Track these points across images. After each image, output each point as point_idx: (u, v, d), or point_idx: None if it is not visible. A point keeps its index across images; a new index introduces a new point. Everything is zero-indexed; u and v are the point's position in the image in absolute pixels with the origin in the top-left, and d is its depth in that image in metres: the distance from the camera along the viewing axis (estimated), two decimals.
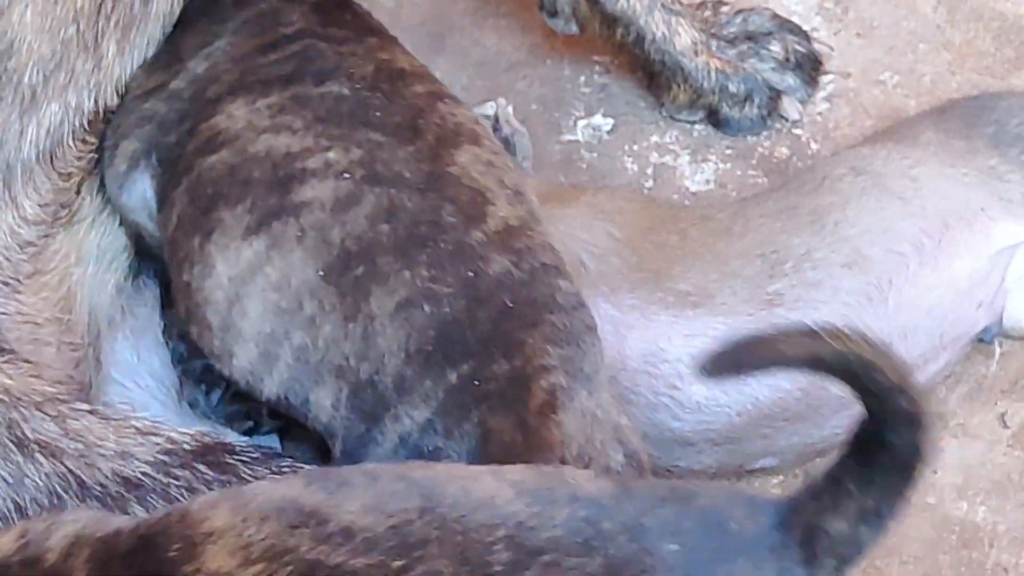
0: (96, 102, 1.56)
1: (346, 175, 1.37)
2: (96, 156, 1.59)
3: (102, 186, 1.61)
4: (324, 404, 1.35)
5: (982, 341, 1.74)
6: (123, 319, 1.63)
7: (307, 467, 1.39)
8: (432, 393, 1.31)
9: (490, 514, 1.11)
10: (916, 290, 1.66)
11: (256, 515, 1.09)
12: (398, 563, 1.08)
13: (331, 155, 1.39)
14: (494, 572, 1.08)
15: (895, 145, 1.75)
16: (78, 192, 1.58)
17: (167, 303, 1.63)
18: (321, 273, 1.34)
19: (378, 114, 1.44)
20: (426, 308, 1.33)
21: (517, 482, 1.14)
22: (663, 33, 1.95)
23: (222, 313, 1.37)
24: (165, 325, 1.63)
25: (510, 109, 1.99)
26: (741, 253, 1.69)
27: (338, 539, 1.08)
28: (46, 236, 1.56)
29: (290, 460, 1.40)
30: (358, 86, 1.46)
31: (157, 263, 1.60)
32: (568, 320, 1.37)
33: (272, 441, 1.60)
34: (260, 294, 1.35)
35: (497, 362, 1.32)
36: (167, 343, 1.63)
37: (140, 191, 1.54)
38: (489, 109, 1.97)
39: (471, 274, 1.35)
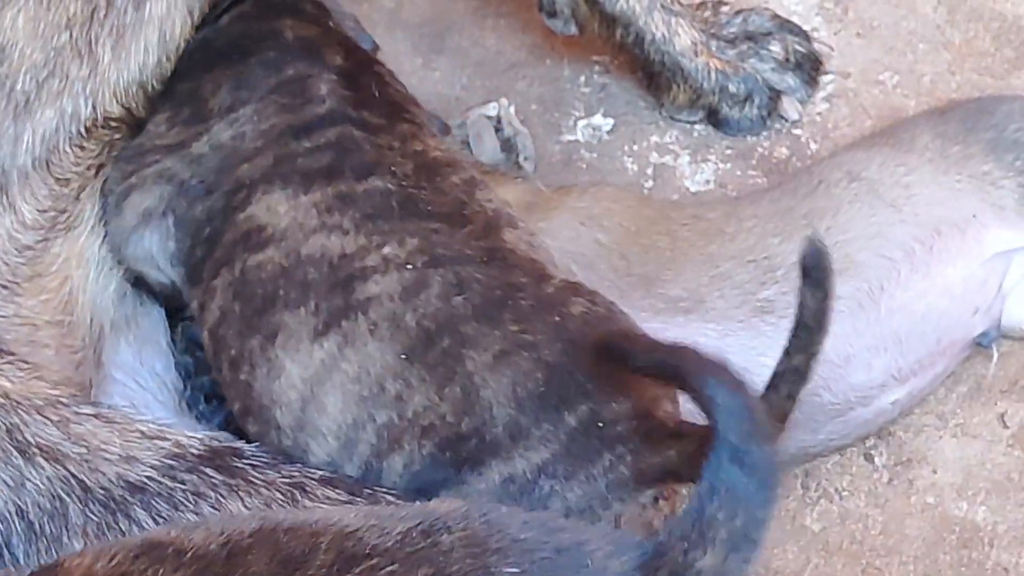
0: (94, 108, 1.55)
1: (409, 265, 1.41)
2: (95, 163, 1.59)
3: (102, 192, 1.60)
4: (396, 466, 1.38)
5: (980, 346, 1.75)
6: (127, 323, 1.63)
7: (316, 472, 1.39)
8: (552, 436, 1.35)
9: (320, 523, 1.17)
10: (909, 296, 1.66)
11: (107, 554, 1.16)
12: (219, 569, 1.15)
13: (387, 250, 1.42)
14: (313, 570, 1.13)
15: (890, 151, 1.75)
16: (77, 198, 1.58)
17: (173, 321, 1.64)
18: (403, 356, 1.37)
19: (428, 207, 1.47)
20: (525, 355, 1.37)
21: (365, 509, 1.22)
22: (663, 33, 1.95)
23: (296, 413, 1.39)
24: (173, 341, 1.64)
25: (512, 109, 2.00)
26: (733, 257, 1.68)
27: (172, 559, 1.15)
28: (45, 240, 1.56)
29: (299, 465, 1.40)
30: (403, 183, 1.48)
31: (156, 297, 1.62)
32: None
33: None
34: (339, 389, 1.38)
35: (616, 402, 1.36)
36: (175, 356, 1.63)
37: (147, 248, 1.54)
38: (491, 110, 1.97)
39: (557, 318, 1.40)
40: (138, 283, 1.63)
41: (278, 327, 1.40)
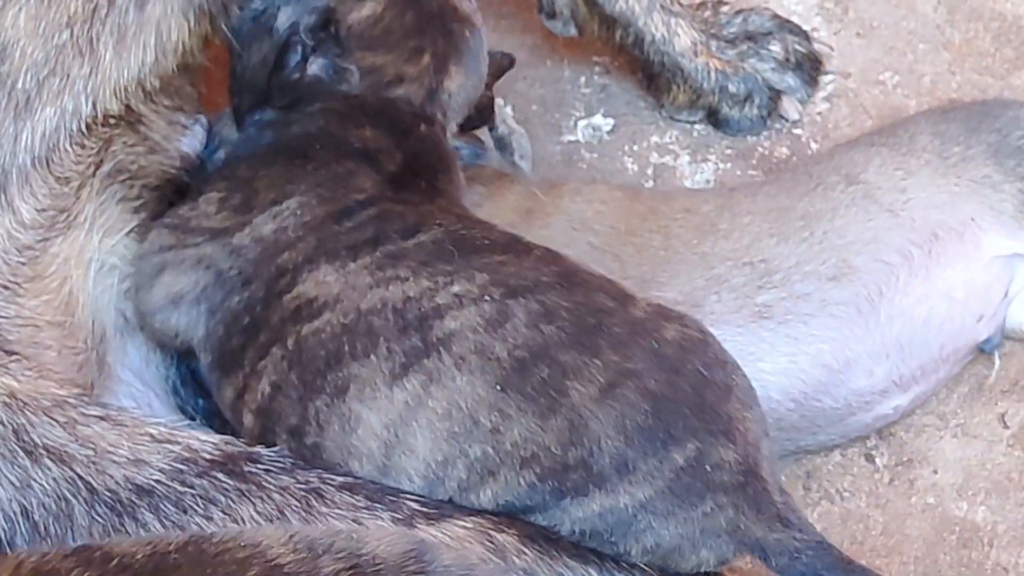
0: (94, 106, 1.55)
1: (486, 298, 1.40)
2: (95, 161, 1.59)
3: (102, 191, 1.60)
4: (486, 496, 1.38)
5: (982, 351, 1.75)
6: (134, 325, 1.63)
7: (336, 476, 1.39)
8: (658, 473, 1.35)
9: (249, 548, 1.18)
10: (909, 301, 1.66)
11: (41, 552, 1.21)
12: None
13: (456, 288, 1.41)
14: None
15: (889, 152, 1.74)
16: (77, 197, 1.58)
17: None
18: (498, 387, 1.36)
19: (484, 242, 1.47)
20: (631, 385, 1.36)
21: (296, 532, 1.22)
22: (662, 34, 1.95)
23: (378, 461, 1.38)
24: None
25: (508, 110, 2.00)
26: (728, 258, 1.68)
27: (98, 563, 1.17)
28: (44, 240, 1.55)
29: (319, 471, 1.39)
30: (451, 228, 1.48)
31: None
32: (740, 373, 1.43)
33: None
34: (427, 428, 1.37)
35: (723, 446, 1.36)
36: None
37: (173, 326, 1.53)
38: None
39: (654, 344, 1.39)
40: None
41: (348, 380, 1.39)
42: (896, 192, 1.70)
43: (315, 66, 1.59)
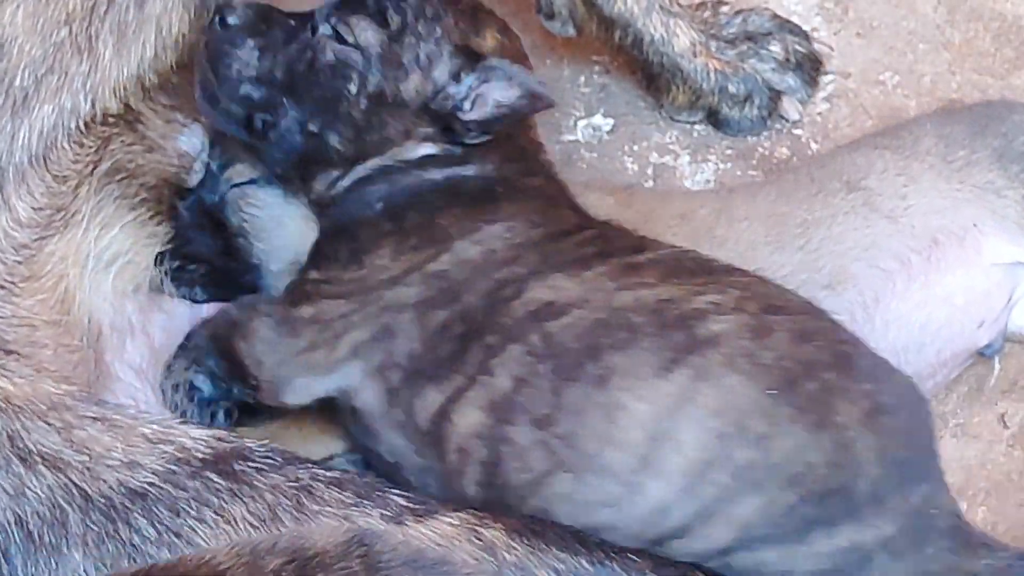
0: (93, 104, 1.55)
1: (744, 309, 1.43)
2: (93, 160, 1.58)
3: (99, 190, 1.60)
4: (741, 512, 1.38)
5: (982, 355, 1.75)
6: (132, 325, 1.63)
7: (326, 473, 1.39)
8: (899, 510, 1.38)
9: (196, 563, 1.22)
10: (906, 307, 1.66)
11: None
12: None
13: (711, 297, 1.45)
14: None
15: (892, 155, 1.74)
16: (75, 195, 1.58)
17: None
18: (771, 392, 1.37)
19: (722, 265, 1.51)
20: (888, 416, 1.40)
21: (240, 541, 1.27)
22: (661, 35, 1.95)
23: (640, 451, 1.39)
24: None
25: None
26: None
27: None
28: (41, 239, 1.55)
29: (308, 466, 1.39)
30: (683, 250, 1.53)
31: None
32: None
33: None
34: (695, 423, 1.38)
35: (944, 489, 1.41)
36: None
37: (347, 373, 1.53)
38: None
39: (897, 382, 1.45)
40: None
41: (611, 370, 1.41)
42: (897, 199, 1.69)
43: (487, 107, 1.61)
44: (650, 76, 2.01)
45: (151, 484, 1.37)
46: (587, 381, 1.41)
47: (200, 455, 1.39)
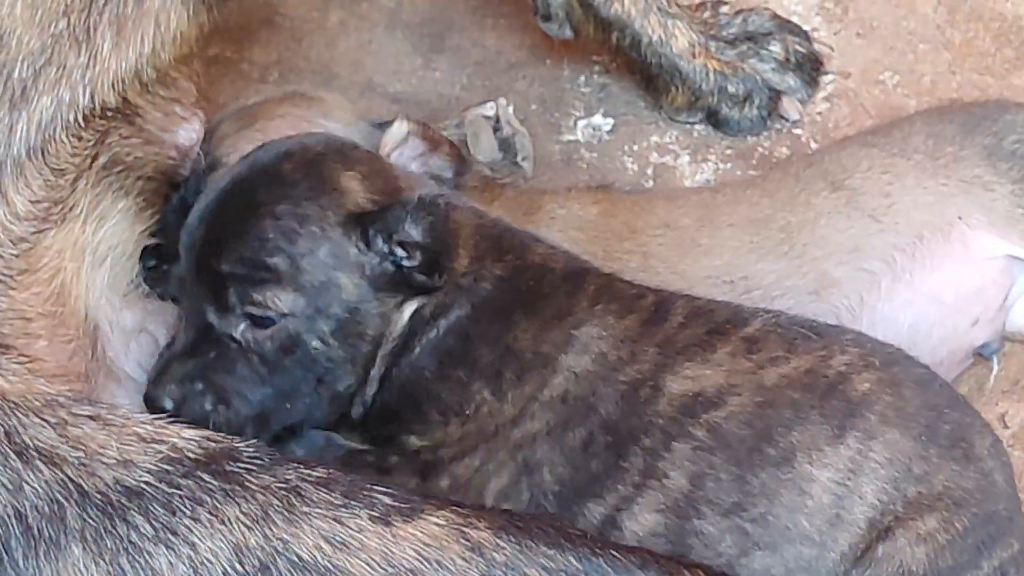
0: (92, 97, 1.54)
1: (872, 365, 1.51)
2: (91, 153, 1.58)
3: (97, 183, 1.60)
4: (931, 525, 1.46)
5: (981, 356, 1.74)
6: (132, 320, 1.63)
7: (313, 472, 1.39)
8: (1020, 525, 1.50)
9: None
10: (891, 307, 1.66)
11: None
12: None
13: (842, 358, 1.51)
14: None
15: (879, 153, 1.73)
16: (72, 189, 1.57)
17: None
18: (922, 438, 1.48)
19: (815, 323, 1.56)
20: (999, 442, 1.53)
21: None
22: (659, 36, 1.95)
23: (830, 513, 1.46)
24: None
25: (511, 109, 1.99)
26: (708, 276, 1.67)
27: None
28: (39, 232, 1.55)
29: (296, 466, 1.39)
30: (773, 315, 1.55)
31: None
32: None
33: None
34: (872, 476, 1.46)
35: None
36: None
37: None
38: (489, 109, 1.97)
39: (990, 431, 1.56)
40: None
41: (791, 448, 1.47)
42: (880, 197, 1.69)
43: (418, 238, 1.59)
44: (649, 77, 2.00)
45: (146, 483, 1.36)
46: (771, 463, 1.46)
47: (192, 455, 1.39)
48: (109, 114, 1.58)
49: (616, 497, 1.48)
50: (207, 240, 1.54)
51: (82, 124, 1.55)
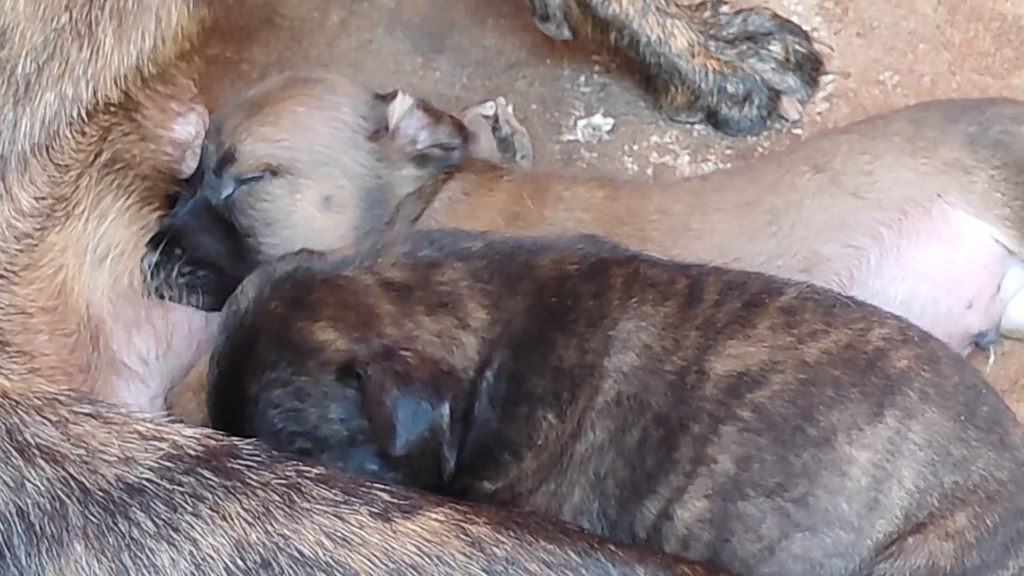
0: (94, 92, 1.55)
1: (910, 339, 1.50)
2: (94, 149, 1.58)
3: (100, 180, 1.60)
4: (962, 521, 1.44)
5: (978, 346, 1.74)
6: (134, 316, 1.63)
7: (312, 469, 1.39)
8: None
9: None
10: (882, 282, 1.67)
11: None
12: None
13: (879, 332, 1.50)
14: None
15: (859, 137, 1.75)
16: (76, 185, 1.58)
17: None
18: (962, 418, 1.46)
19: (848, 297, 1.55)
20: None
21: None
22: (658, 36, 1.95)
23: (868, 496, 1.44)
24: None
25: (510, 109, 2.00)
26: (700, 258, 1.66)
27: None
28: (43, 229, 1.55)
29: (295, 463, 1.39)
30: (805, 288, 1.54)
31: None
32: None
33: None
34: (911, 459, 1.44)
35: None
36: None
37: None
38: (488, 109, 1.97)
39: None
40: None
41: (832, 427, 1.45)
42: (862, 175, 1.71)
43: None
44: (648, 77, 2.01)
45: (148, 480, 1.36)
46: (812, 443, 1.45)
47: (193, 452, 1.39)
48: (112, 109, 1.59)
49: (670, 489, 1.47)
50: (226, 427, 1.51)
51: (85, 120, 1.55)
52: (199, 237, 1.72)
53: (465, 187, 1.77)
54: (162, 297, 1.68)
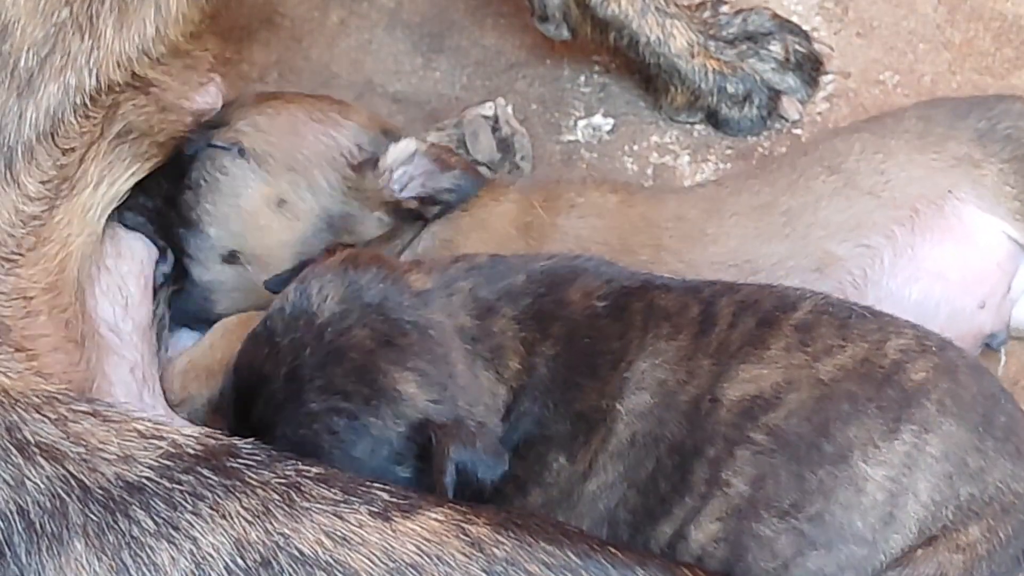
0: (97, 79, 1.55)
1: (928, 349, 1.48)
2: (99, 127, 1.58)
3: (110, 152, 1.60)
4: (975, 534, 1.43)
5: (989, 347, 1.74)
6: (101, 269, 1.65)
7: (311, 468, 1.39)
8: None
9: None
10: (896, 282, 1.67)
11: None
12: None
13: (895, 343, 1.48)
14: None
15: (871, 136, 1.75)
16: (82, 161, 1.58)
17: None
18: (979, 429, 1.44)
19: (862, 307, 1.52)
20: None
21: None
22: (658, 36, 1.95)
23: (883, 511, 1.43)
24: None
25: (510, 109, 2.00)
26: (715, 262, 1.68)
27: None
28: (50, 209, 1.56)
29: (295, 463, 1.40)
30: (820, 301, 1.52)
31: None
32: None
33: None
34: (927, 472, 1.43)
35: None
36: None
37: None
38: (488, 109, 1.97)
39: None
40: None
41: (849, 443, 1.43)
42: (876, 175, 1.71)
43: None
44: (648, 77, 2.01)
45: (148, 478, 1.36)
46: (828, 460, 1.43)
47: (192, 451, 1.39)
48: (118, 89, 1.59)
49: (683, 512, 1.46)
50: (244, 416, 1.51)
51: (89, 104, 1.56)
52: (160, 175, 1.72)
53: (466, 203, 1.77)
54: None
